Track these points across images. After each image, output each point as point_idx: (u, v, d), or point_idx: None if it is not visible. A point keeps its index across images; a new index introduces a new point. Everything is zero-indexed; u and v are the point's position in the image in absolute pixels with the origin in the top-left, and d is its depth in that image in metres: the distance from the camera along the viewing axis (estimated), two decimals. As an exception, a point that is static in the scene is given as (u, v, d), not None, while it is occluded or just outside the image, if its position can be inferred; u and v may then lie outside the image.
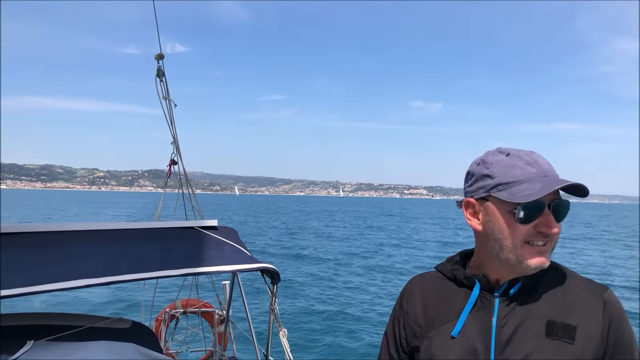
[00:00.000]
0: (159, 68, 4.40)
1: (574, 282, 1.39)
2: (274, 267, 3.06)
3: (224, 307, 5.17)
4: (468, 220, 1.45)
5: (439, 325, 1.44)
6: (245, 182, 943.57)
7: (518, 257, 1.33)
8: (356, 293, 15.11)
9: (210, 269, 2.90)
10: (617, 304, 1.35)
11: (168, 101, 4.48)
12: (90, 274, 2.49)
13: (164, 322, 5.50)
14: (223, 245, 3.33)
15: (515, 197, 1.30)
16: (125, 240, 3.21)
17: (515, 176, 1.32)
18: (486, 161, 1.40)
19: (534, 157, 1.35)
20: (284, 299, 13.85)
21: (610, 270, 22.47)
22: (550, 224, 1.30)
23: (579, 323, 1.30)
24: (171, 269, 2.75)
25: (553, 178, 1.31)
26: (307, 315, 12.09)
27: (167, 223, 3.66)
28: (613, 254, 29.15)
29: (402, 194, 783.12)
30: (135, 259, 2.83)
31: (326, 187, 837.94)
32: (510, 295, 1.37)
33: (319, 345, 9.87)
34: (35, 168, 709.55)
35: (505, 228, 1.34)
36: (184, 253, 3.07)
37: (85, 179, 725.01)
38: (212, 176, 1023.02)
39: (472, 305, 1.41)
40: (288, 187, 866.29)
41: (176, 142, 4.57)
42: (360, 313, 12.52)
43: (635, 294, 16.48)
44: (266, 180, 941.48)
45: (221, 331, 5.20)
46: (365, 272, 19.52)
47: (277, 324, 3.31)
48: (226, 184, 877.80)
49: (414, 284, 1.59)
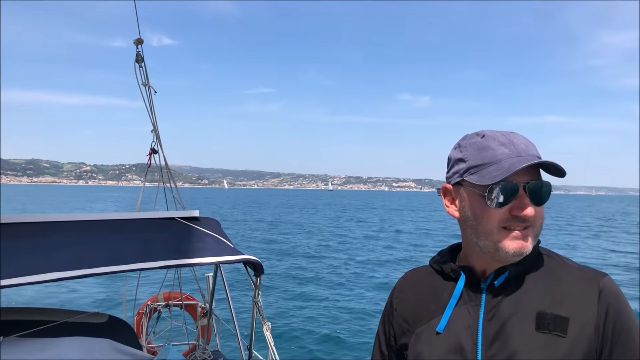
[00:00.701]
0: (138, 53, 4.27)
1: (567, 270, 1.29)
2: (256, 259, 2.98)
3: (207, 299, 5.08)
4: (446, 207, 1.37)
5: (426, 320, 1.36)
6: (234, 175, 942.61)
7: (495, 243, 1.23)
8: (341, 287, 15.04)
9: (190, 261, 2.82)
10: (616, 291, 1.24)
11: (148, 87, 4.35)
12: (63, 266, 2.40)
13: (146, 316, 5.39)
14: (204, 237, 3.24)
15: (483, 179, 1.21)
16: (102, 232, 3.11)
17: (487, 158, 1.23)
18: (461, 144, 1.33)
19: (510, 137, 1.25)
20: (269, 291, 13.76)
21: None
22: (524, 206, 1.20)
23: (571, 314, 1.20)
24: (149, 261, 2.67)
25: (526, 158, 1.20)
26: (292, 309, 12.02)
27: (147, 214, 3.55)
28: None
29: (391, 187, 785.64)
30: (111, 251, 2.74)
31: (315, 180, 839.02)
32: (496, 286, 1.28)
33: (304, 338, 9.80)
34: (21, 162, 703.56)
35: (480, 213, 1.25)
36: (164, 244, 2.98)
37: (72, 173, 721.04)
38: (200, 170, 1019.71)
39: (458, 299, 1.32)
40: (277, 181, 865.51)
41: (156, 130, 4.45)
42: (345, 306, 12.48)
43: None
44: (255, 173, 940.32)
45: (204, 324, 5.10)
46: (349, 266, 19.46)
47: (260, 318, 3.24)
48: (214, 177, 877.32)
49: (404, 281, 1.52)
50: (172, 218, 3.54)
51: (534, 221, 1.22)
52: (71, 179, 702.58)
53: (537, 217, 1.23)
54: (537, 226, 1.24)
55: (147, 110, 4.38)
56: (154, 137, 4.47)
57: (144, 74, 4.31)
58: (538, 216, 1.23)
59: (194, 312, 5.54)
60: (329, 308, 12.25)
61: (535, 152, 1.24)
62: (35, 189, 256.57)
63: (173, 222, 3.48)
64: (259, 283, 3.17)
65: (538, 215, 1.23)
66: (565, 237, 34.30)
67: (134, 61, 4.25)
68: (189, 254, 2.85)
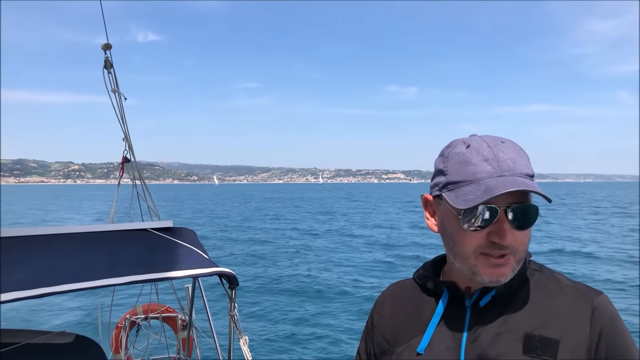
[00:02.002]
0: (106, 59, 4.09)
1: (559, 287, 1.18)
2: (231, 271, 2.85)
3: (186, 311, 4.95)
4: (426, 220, 1.26)
5: (406, 340, 1.24)
6: (223, 171, 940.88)
7: (471, 267, 1.11)
8: (322, 295, 14.61)
9: (161, 275, 2.68)
10: (610, 311, 1.13)
11: (118, 94, 4.18)
12: (22, 285, 2.23)
13: (125, 329, 5.25)
14: (177, 248, 3.11)
15: (458, 200, 1.08)
16: (68, 246, 2.96)
17: (466, 175, 1.09)
18: (444, 153, 1.19)
19: (496, 150, 1.09)
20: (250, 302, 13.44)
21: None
22: (503, 233, 1.06)
23: (561, 336, 1.09)
24: (118, 276, 2.51)
25: (508, 179, 1.05)
26: (272, 322, 11.74)
27: (118, 225, 3.41)
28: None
29: (380, 179, 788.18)
30: (77, 267, 2.58)
31: (305, 174, 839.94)
32: (482, 305, 1.16)
33: (284, 351, 9.66)
34: (7, 163, 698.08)
35: (456, 235, 1.13)
36: (133, 258, 2.84)
37: (60, 172, 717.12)
38: (189, 166, 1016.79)
39: (440, 317, 1.20)
40: (267, 175, 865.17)
41: (128, 138, 4.29)
42: (326, 316, 12.23)
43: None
44: (244, 168, 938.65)
45: (185, 337, 4.97)
46: (332, 270, 18.89)
47: (237, 331, 3.12)
48: (204, 173, 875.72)
49: (386, 296, 1.41)
50: (145, 229, 3.40)
51: (515, 247, 1.09)
52: (59, 178, 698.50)
53: (520, 243, 1.10)
54: (520, 252, 1.11)
55: (118, 118, 4.21)
56: (126, 146, 4.31)
57: (113, 80, 4.14)
58: (520, 242, 1.10)
59: (174, 324, 5.40)
60: (309, 319, 12.00)
61: (524, 169, 1.09)
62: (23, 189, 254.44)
63: (145, 233, 3.34)
64: (235, 296, 3.05)
65: (520, 241, 1.10)
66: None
67: (102, 67, 4.08)
68: (160, 267, 2.70)
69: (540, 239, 26.22)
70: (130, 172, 4.42)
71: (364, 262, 20.12)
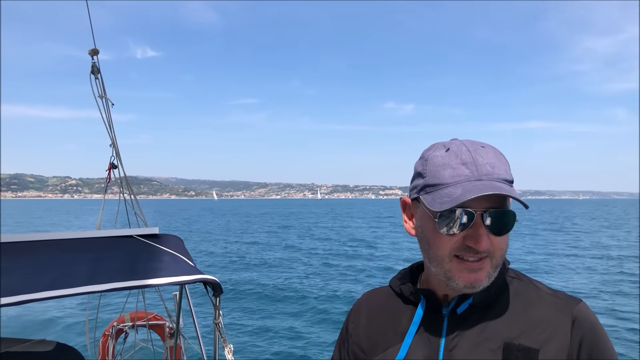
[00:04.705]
0: (93, 64, 4.08)
1: (538, 296, 1.16)
2: (214, 279, 2.83)
3: (174, 319, 4.90)
4: (404, 223, 1.24)
5: (382, 349, 1.22)
6: (221, 186, 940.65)
7: (446, 272, 1.10)
8: (308, 302, 14.67)
9: (144, 283, 2.64)
10: (591, 319, 1.12)
11: (105, 100, 4.17)
12: (3, 292, 2.19)
13: (112, 337, 5.19)
14: (162, 255, 3.07)
15: (434, 203, 1.07)
16: (51, 253, 2.92)
17: (444, 177, 1.09)
18: (424, 156, 1.18)
19: (475, 155, 1.09)
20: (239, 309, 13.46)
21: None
22: (478, 238, 1.05)
23: (541, 345, 1.07)
24: (101, 282, 2.48)
25: (486, 183, 1.04)
26: (260, 330, 11.69)
27: (103, 232, 3.37)
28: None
29: (378, 195, 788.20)
30: (59, 273, 2.54)
31: (302, 189, 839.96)
32: (459, 314, 1.14)
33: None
34: (5, 177, 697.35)
35: (431, 238, 1.12)
36: (117, 265, 2.80)
37: (57, 187, 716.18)
38: (186, 181, 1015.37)
39: (417, 326, 1.19)
40: (264, 191, 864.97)
41: (115, 144, 4.27)
42: (312, 322, 12.25)
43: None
44: (242, 184, 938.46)
45: (172, 345, 4.92)
46: (319, 279, 19.05)
47: (222, 340, 3.08)
48: (201, 189, 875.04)
49: (361, 304, 1.39)
50: (130, 236, 3.37)
51: (491, 252, 1.08)
52: (57, 193, 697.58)
53: (496, 249, 1.09)
54: (497, 257, 1.10)
55: (105, 124, 4.20)
56: (113, 152, 4.29)
57: (100, 85, 4.13)
58: (497, 247, 1.09)
59: (162, 332, 5.34)
60: (294, 327, 11.95)
61: (503, 174, 1.08)
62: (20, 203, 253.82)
63: (131, 240, 3.31)
64: (219, 303, 3.02)
65: (497, 246, 1.09)
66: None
67: (89, 72, 4.07)
68: (145, 274, 2.68)
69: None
70: (117, 180, 4.40)
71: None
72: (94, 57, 4.06)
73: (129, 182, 4.35)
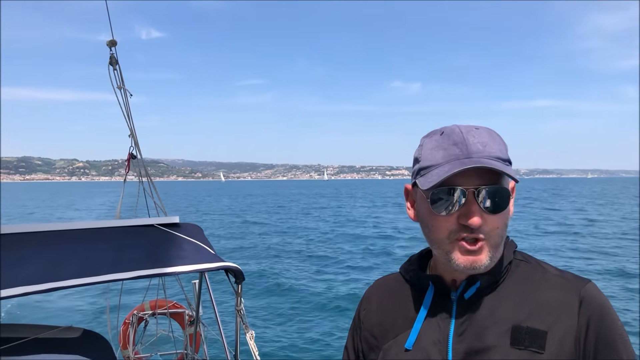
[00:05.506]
0: (111, 55, 4.10)
1: (546, 277, 1.16)
2: (237, 266, 2.88)
3: (193, 307, 4.96)
4: (407, 210, 1.26)
5: (393, 335, 1.23)
6: (227, 168, 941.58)
7: (447, 254, 1.11)
8: (330, 287, 14.69)
9: (168, 270, 2.70)
10: (599, 300, 1.11)
11: (123, 90, 4.18)
12: (31, 280, 2.27)
13: (132, 325, 5.27)
14: (183, 244, 3.13)
15: (425, 183, 1.10)
16: (75, 242, 2.99)
17: (436, 159, 1.11)
18: (421, 142, 1.21)
19: (467, 135, 1.09)
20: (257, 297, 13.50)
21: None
22: (470, 215, 1.06)
23: (549, 327, 1.07)
24: (125, 271, 2.53)
25: (474, 160, 1.05)
26: (278, 315, 11.78)
27: (124, 221, 3.43)
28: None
29: (384, 175, 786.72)
30: (85, 262, 2.59)
31: (308, 170, 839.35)
32: (466, 298, 1.15)
33: (290, 346, 9.66)
34: (12, 160, 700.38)
35: (428, 220, 1.14)
36: (140, 253, 2.86)
37: (65, 170, 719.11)
38: (193, 163, 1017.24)
39: (427, 311, 1.20)
40: (270, 172, 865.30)
41: (134, 134, 4.29)
42: (333, 310, 12.26)
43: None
44: (248, 165, 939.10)
45: (192, 333, 4.99)
46: (338, 265, 19.06)
47: (243, 326, 3.13)
48: (208, 170, 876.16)
49: (372, 291, 1.40)
50: (151, 225, 3.42)
51: (487, 232, 1.08)
52: (64, 175, 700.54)
53: (492, 227, 1.09)
54: (494, 236, 1.09)
55: (124, 115, 4.22)
56: (132, 142, 4.32)
57: (118, 76, 4.14)
58: (493, 226, 1.09)
59: (182, 320, 5.42)
60: (320, 314, 12.00)
61: (496, 152, 1.08)
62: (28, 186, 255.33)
63: (152, 229, 3.37)
64: (241, 290, 3.06)
65: (493, 224, 1.09)
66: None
67: (107, 64, 4.08)
68: (167, 262, 2.72)
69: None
70: (137, 169, 4.43)
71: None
72: (112, 49, 4.07)
73: (148, 173, 4.38)
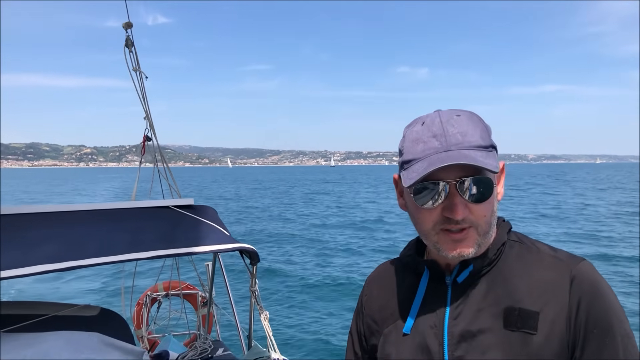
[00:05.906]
0: (127, 37, 4.11)
1: (539, 257, 1.16)
2: (252, 247, 2.94)
3: (206, 288, 5.01)
4: (397, 199, 1.26)
5: (393, 320, 1.26)
6: (234, 154, 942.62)
7: (435, 244, 1.13)
8: (344, 271, 14.73)
9: (184, 250, 2.76)
10: (591, 278, 1.09)
11: (139, 73, 4.20)
12: (52, 258, 2.34)
13: (146, 306, 5.34)
14: (199, 225, 3.19)
15: (406, 179, 1.09)
16: (94, 222, 3.05)
17: (416, 152, 1.10)
18: (403, 133, 1.19)
19: (447, 125, 1.08)
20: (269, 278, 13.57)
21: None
22: (453, 207, 1.06)
23: (541, 308, 1.07)
24: (142, 251, 2.61)
25: (453, 153, 1.05)
26: (292, 297, 11.85)
27: (140, 203, 3.47)
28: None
29: (391, 161, 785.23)
30: (103, 242, 2.67)
31: (315, 156, 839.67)
32: (459, 282, 1.16)
33: (303, 327, 9.70)
34: (21, 147, 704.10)
35: (414, 213, 1.16)
36: (157, 234, 2.91)
37: (72, 156, 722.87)
38: (200, 149, 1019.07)
39: (423, 296, 1.21)
40: (277, 158, 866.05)
41: (149, 117, 4.32)
42: (345, 292, 12.31)
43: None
44: (255, 151, 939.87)
45: (205, 314, 5.05)
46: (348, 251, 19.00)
47: (258, 307, 3.18)
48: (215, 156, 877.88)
49: (373, 277, 1.42)
50: (167, 207, 3.47)
51: (474, 221, 1.08)
52: (72, 161, 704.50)
53: (478, 217, 1.08)
54: (482, 225, 1.09)
55: (139, 97, 4.24)
56: (147, 124, 4.34)
57: (134, 59, 4.16)
58: (479, 215, 1.08)
59: (194, 301, 5.47)
60: (334, 295, 12.04)
61: (476, 141, 1.07)
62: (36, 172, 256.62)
63: (167, 210, 3.42)
64: (255, 271, 3.13)
65: (479, 214, 1.08)
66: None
67: (123, 46, 4.10)
68: (183, 243, 2.79)
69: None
70: (152, 152, 4.46)
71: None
72: (127, 31, 4.07)
73: (163, 155, 4.41)
